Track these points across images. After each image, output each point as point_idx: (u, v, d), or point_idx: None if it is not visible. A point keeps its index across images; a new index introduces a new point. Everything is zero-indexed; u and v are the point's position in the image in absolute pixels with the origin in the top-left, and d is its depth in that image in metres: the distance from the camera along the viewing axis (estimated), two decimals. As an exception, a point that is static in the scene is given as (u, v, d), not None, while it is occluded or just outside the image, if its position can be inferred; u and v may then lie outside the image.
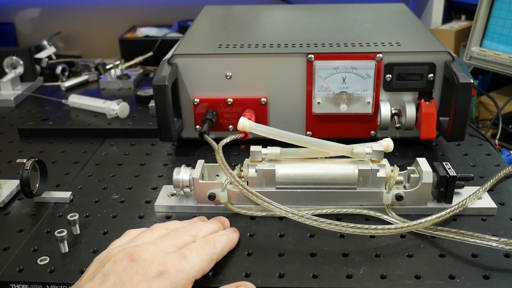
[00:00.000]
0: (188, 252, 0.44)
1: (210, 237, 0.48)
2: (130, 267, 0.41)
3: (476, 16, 0.87)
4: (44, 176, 0.61)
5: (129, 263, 0.41)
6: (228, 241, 0.49)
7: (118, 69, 1.00)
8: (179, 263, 0.42)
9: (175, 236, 0.46)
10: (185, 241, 0.46)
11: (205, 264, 0.45)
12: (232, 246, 0.50)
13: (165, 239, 0.46)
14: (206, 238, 0.48)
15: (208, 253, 0.46)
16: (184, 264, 0.42)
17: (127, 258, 0.42)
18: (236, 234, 0.52)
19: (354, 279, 0.47)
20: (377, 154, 0.55)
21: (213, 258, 0.46)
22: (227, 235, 0.50)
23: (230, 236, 0.50)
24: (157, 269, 0.41)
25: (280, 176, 0.56)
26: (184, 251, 0.44)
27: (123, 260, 0.41)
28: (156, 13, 1.29)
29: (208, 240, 0.47)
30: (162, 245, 0.44)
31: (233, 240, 0.51)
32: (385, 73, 0.67)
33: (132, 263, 0.41)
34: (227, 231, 0.52)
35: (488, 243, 0.48)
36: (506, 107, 0.85)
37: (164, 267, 0.41)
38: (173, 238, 0.46)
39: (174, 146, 0.75)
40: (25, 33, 1.32)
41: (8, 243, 0.54)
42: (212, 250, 0.46)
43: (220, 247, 0.48)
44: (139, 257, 0.42)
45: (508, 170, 0.63)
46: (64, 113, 0.86)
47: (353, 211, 0.56)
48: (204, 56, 0.68)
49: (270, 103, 0.70)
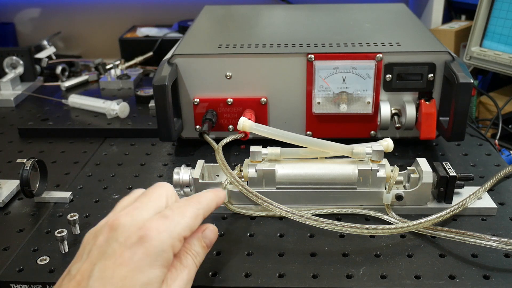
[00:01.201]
0: (169, 212, 0.41)
1: (194, 194, 0.46)
2: (111, 237, 0.39)
3: (476, 16, 0.87)
4: (44, 176, 0.61)
5: (109, 234, 0.39)
6: (213, 196, 0.46)
7: (118, 69, 1.00)
8: (160, 224, 0.40)
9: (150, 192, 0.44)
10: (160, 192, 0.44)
11: (190, 220, 0.42)
12: (220, 202, 0.47)
13: (142, 199, 0.43)
14: (190, 196, 0.46)
15: (192, 209, 0.43)
16: (166, 223, 0.40)
17: (107, 228, 0.40)
18: (223, 192, 0.49)
19: (354, 279, 0.47)
20: (377, 154, 0.55)
21: (198, 214, 0.43)
22: (212, 191, 0.48)
23: (216, 192, 0.48)
24: (137, 234, 0.38)
25: (280, 176, 0.56)
26: (165, 211, 0.42)
27: (103, 232, 0.40)
28: (156, 13, 1.29)
29: (192, 197, 0.45)
30: (138, 205, 0.42)
31: (219, 196, 0.48)
32: (385, 73, 0.67)
33: (111, 232, 0.39)
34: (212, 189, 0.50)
35: (488, 243, 0.48)
36: (506, 107, 0.85)
37: (145, 231, 0.39)
38: (148, 195, 0.43)
39: (174, 146, 0.75)
40: (25, 33, 1.32)
41: (8, 243, 0.54)
42: (196, 206, 0.43)
43: (206, 202, 0.45)
44: (118, 225, 0.39)
45: (508, 170, 0.63)
46: (64, 113, 0.86)
47: (353, 211, 0.56)
48: (204, 56, 0.68)
49: (270, 103, 0.70)
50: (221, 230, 0.55)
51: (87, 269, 0.38)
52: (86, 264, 0.39)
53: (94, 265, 0.38)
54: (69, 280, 0.39)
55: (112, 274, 0.37)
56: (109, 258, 0.38)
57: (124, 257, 0.38)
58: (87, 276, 0.38)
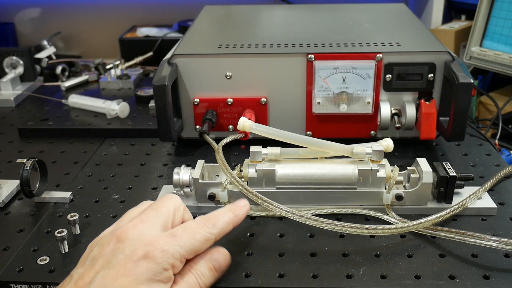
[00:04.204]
0: (180, 231, 0.42)
1: (213, 214, 0.46)
2: (117, 248, 0.40)
3: (476, 16, 0.87)
4: (44, 176, 0.61)
5: (115, 245, 0.40)
6: (232, 218, 0.47)
7: (118, 69, 1.00)
8: (166, 243, 0.41)
9: (157, 206, 0.44)
10: (168, 206, 0.44)
11: (197, 244, 0.43)
12: (238, 222, 0.47)
13: (149, 212, 0.44)
14: (207, 215, 0.46)
15: (204, 234, 0.43)
16: (172, 243, 0.41)
17: (114, 240, 0.41)
18: (245, 209, 0.49)
19: (354, 279, 0.47)
20: (377, 154, 0.55)
21: (209, 238, 0.44)
22: (233, 211, 0.47)
23: (236, 212, 0.47)
24: (143, 249, 0.40)
25: (280, 176, 0.56)
26: (176, 230, 0.42)
27: (110, 243, 0.41)
28: (156, 13, 1.29)
29: (208, 218, 0.45)
30: (146, 219, 0.43)
31: (238, 217, 0.47)
32: (385, 73, 0.67)
33: (118, 244, 0.40)
34: (234, 205, 0.49)
35: (488, 243, 0.48)
36: (506, 107, 0.85)
37: (150, 248, 0.40)
38: (155, 208, 0.44)
39: (174, 146, 0.75)
40: (25, 33, 1.32)
41: (8, 243, 0.54)
42: (209, 230, 0.44)
43: (221, 226, 0.45)
44: (125, 238, 0.41)
45: (508, 170, 0.63)
46: (64, 113, 0.86)
47: (353, 211, 0.56)
48: (204, 56, 0.68)
49: (270, 103, 0.70)
50: (221, 230, 0.55)
51: (89, 275, 0.39)
52: (89, 271, 0.40)
53: (97, 273, 0.39)
54: (69, 282, 0.40)
55: (113, 282, 0.38)
56: (113, 268, 0.39)
57: (127, 268, 0.39)
58: (88, 282, 0.39)
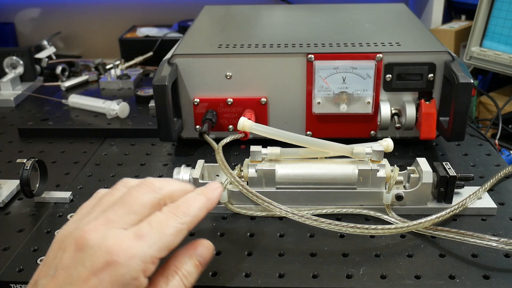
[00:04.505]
0: (147, 229, 0.37)
1: (182, 200, 0.40)
2: (77, 259, 0.35)
3: (476, 16, 0.87)
4: (44, 176, 0.61)
5: (75, 253, 0.36)
6: (204, 202, 0.41)
7: (118, 69, 1.00)
8: (131, 247, 0.35)
9: (130, 201, 0.38)
10: (144, 202, 0.38)
11: (170, 238, 0.37)
12: (211, 207, 0.41)
13: (116, 208, 0.38)
14: (176, 203, 0.40)
15: (174, 225, 0.38)
16: (138, 246, 0.35)
17: (73, 245, 0.36)
18: (218, 191, 0.43)
19: (354, 279, 0.47)
20: (377, 154, 0.55)
21: (181, 229, 0.38)
22: (205, 194, 0.42)
23: (209, 195, 0.42)
24: (105, 258, 0.34)
25: (280, 176, 0.56)
26: (141, 228, 0.37)
27: (69, 249, 0.36)
28: (156, 13, 1.29)
29: (178, 206, 0.39)
30: (113, 218, 0.37)
31: (211, 200, 0.42)
32: (385, 73, 0.67)
33: (78, 253, 0.35)
34: (205, 188, 0.43)
35: (488, 243, 0.48)
36: (506, 107, 0.85)
37: (112, 257, 0.34)
38: (127, 204, 0.38)
39: (174, 146, 0.75)
40: (25, 33, 1.32)
41: (8, 243, 0.54)
42: (180, 220, 0.38)
43: (193, 213, 0.39)
44: (85, 244, 0.35)
45: (508, 170, 0.63)
46: (64, 113, 0.86)
47: (353, 211, 0.56)
48: (204, 56, 0.68)
49: (270, 103, 0.70)
50: (221, 230, 0.55)
51: None
52: (52, 284, 0.36)
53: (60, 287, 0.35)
54: None
55: None
56: (75, 284, 0.35)
57: (90, 284, 0.34)
58: None
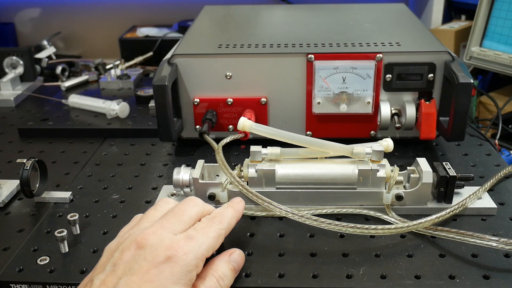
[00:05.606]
0: (194, 233, 0.44)
1: (216, 212, 0.48)
2: (138, 255, 0.41)
3: (476, 16, 0.87)
4: (44, 176, 0.61)
5: (136, 251, 0.41)
6: (234, 212, 0.49)
7: (118, 69, 1.00)
8: (186, 245, 0.42)
9: (180, 212, 0.46)
10: (191, 215, 0.46)
11: (213, 241, 0.44)
12: (239, 217, 0.50)
13: (169, 218, 0.45)
14: (212, 214, 0.47)
15: (215, 230, 0.45)
16: (191, 245, 0.42)
17: (134, 245, 0.41)
18: (242, 203, 0.51)
19: (354, 279, 0.47)
20: (377, 154, 0.55)
21: (220, 234, 0.45)
22: (232, 206, 0.49)
23: (235, 207, 0.50)
24: (165, 254, 0.41)
25: (280, 176, 0.56)
26: (190, 232, 0.44)
27: (130, 248, 0.41)
28: (156, 13, 1.29)
29: (214, 216, 0.47)
30: (167, 225, 0.44)
31: (238, 211, 0.50)
32: (385, 73, 0.67)
33: (139, 250, 0.41)
34: (231, 202, 0.51)
35: (488, 243, 0.48)
36: (506, 107, 0.85)
37: (172, 252, 0.41)
38: (178, 215, 0.45)
39: (174, 146, 0.75)
40: (25, 33, 1.32)
41: (8, 243, 0.54)
42: (218, 226, 0.46)
43: (227, 221, 0.47)
44: (145, 244, 0.41)
45: (508, 170, 0.63)
46: (64, 113, 0.86)
47: (353, 211, 0.56)
48: (204, 56, 0.68)
49: (270, 103, 0.70)
50: (221, 230, 0.55)
51: (111, 281, 0.40)
52: (110, 277, 0.40)
53: (119, 279, 0.39)
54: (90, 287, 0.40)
55: None
56: (136, 274, 0.39)
57: (151, 274, 0.39)
58: None
